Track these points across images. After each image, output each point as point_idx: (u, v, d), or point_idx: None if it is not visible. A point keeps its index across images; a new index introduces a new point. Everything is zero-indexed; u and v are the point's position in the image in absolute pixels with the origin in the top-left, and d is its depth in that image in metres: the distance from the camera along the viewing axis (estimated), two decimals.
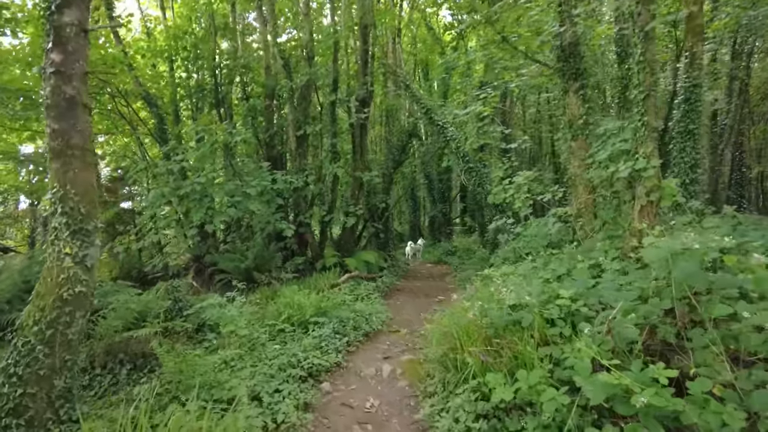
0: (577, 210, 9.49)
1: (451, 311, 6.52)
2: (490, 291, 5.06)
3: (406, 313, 9.53)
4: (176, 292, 7.13)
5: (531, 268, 6.10)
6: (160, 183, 10.03)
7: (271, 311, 7.32)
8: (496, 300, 4.75)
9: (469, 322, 4.59)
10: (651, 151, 6.89)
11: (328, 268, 12.11)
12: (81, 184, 3.87)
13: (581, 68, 9.52)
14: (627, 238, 7.15)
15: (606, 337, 3.81)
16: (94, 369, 5.58)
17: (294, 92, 12.85)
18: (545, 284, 5.38)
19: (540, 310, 4.36)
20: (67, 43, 3.83)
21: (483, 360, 4.15)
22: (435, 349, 5.36)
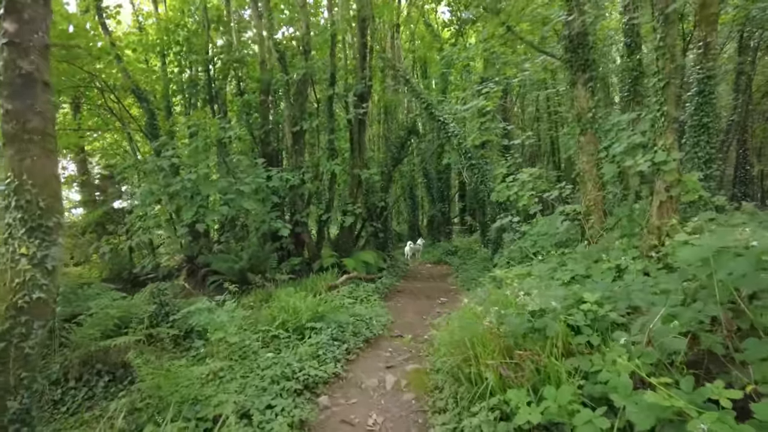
0: (586, 207, 9.00)
1: (459, 316, 5.99)
2: (506, 295, 4.53)
3: (407, 316, 9.00)
4: (162, 295, 6.57)
5: (547, 270, 5.57)
6: (150, 180, 9.46)
7: (264, 316, 6.77)
8: (514, 305, 4.22)
9: (485, 330, 4.05)
10: (671, 143, 6.39)
11: (325, 268, 11.57)
12: (40, 173, 3.32)
13: (590, 59, 9.04)
14: (645, 236, 6.65)
15: (647, 348, 3.29)
16: (68, 381, 5.02)
17: (290, 87, 12.30)
18: (565, 287, 4.86)
19: (564, 316, 3.84)
20: (22, 10, 3.28)
21: (504, 375, 3.61)
22: (444, 359, 4.83)
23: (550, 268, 5.62)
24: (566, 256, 7.23)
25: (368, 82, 12.76)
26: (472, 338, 4.24)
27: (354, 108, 12.55)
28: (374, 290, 10.45)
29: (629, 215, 6.99)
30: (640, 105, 9.51)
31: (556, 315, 3.78)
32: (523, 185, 10.16)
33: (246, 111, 13.41)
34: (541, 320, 3.88)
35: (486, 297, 4.96)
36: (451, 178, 23.01)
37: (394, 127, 16.66)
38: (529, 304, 3.83)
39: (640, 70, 9.49)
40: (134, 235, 9.39)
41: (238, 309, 7.24)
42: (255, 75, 13.60)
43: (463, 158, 12.23)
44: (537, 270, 5.58)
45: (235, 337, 5.62)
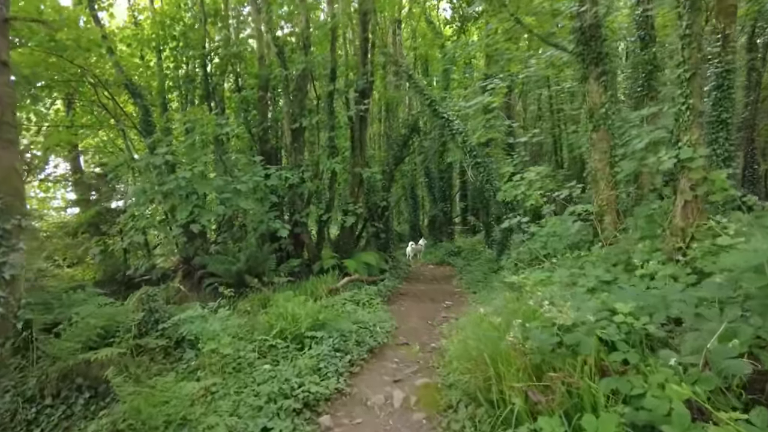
0: (599, 207, 8.54)
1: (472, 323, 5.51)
2: (528, 305, 4.05)
3: (411, 320, 8.52)
4: (152, 301, 6.08)
5: (568, 275, 5.09)
6: (143, 179, 8.97)
7: (261, 323, 6.28)
8: (539, 317, 3.74)
9: (508, 347, 3.57)
10: (697, 138, 5.93)
11: (325, 270, 11.08)
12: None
13: (603, 52, 8.57)
14: (668, 238, 6.19)
15: (704, 371, 2.81)
16: (44, 399, 4.53)
17: (289, 83, 11.80)
18: (590, 295, 4.39)
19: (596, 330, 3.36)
20: None
21: (534, 399, 3.13)
22: (458, 375, 4.35)
23: (571, 273, 5.13)
24: (582, 260, 6.76)
25: (370, 77, 12.27)
26: (492, 354, 3.76)
27: (355, 104, 12.06)
28: (376, 293, 9.97)
29: (649, 216, 6.52)
30: (655, 100, 9.04)
31: (590, 329, 3.31)
32: (530, 184, 9.70)
33: (244, 108, 12.92)
34: (571, 335, 3.40)
35: (503, 306, 4.48)
36: (453, 177, 22.51)
37: (395, 125, 16.16)
38: (559, 316, 3.34)
39: (654, 64, 9.03)
40: (126, 235, 8.88)
41: (233, 316, 6.77)
42: (253, 71, 13.11)
43: (467, 156, 11.75)
44: (558, 275, 5.10)
45: (229, 348, 5.14)
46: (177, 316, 5.87)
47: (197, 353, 5.33)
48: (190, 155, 9.22)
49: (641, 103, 9.26)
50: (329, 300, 8.67)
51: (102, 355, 4.47)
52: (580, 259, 6.87)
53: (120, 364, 4.76)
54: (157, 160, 8.81)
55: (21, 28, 7.52)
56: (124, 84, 10.87)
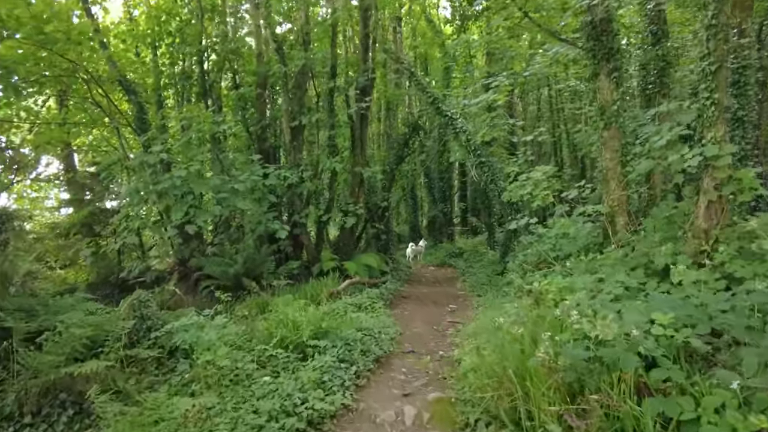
0: (610, 208, 8.19)
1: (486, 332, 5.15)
2: (553, 314, 3.68)
3: (416, 325, 8.14)
4: (144, 307, 5.67)
5: (592, 280, 4.71)
6: (136, 177, 8.57)
7: (260, 330, 5.89)
8: (569, 330, 3.36)
9: (536, 362, 3.19)
10: (722, 135, 5.57)
11: (325, 273, 10.69)
12: None
13: (614, 47, 8.23)
14: (689, 240, 5.83)
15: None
16: (23, 416, 4.12)
17: (288, 80, 11.40)
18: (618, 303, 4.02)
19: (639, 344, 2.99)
20: None
21: (572, 424, 2.76)
22: (475, 390, 3.97)
23: (595, 278, 4.75)
24: (598, 263, 6.40)
25: (371, 74, 11.89)
26: (518, 370, 3.38)
27: (356, 102, 11.68)
28: (378, 296, 9.58)
29: (668, 216, 6.17)
30: (667, 98, 8.71)
31: (632, 344, 2.93)
32: (537, 184, 9.35)
33: (242, 106, 12.51)
34: (609, 350, 3.03)
35: (525, 316, 4.10)
36: (453, 177, 22.16)
37: (396, 124, 15.80)
38: (598, 329, 2.96)
39: (667, 60, 8.69)
40: (119, 236, 8.47)
41: (230, 322, 6.37)
42: (251, 68, 12.70)
43: (471, 155, 11.39)
44: (581, 281, 4.72)
45: (226, 359, 4.74)
46: (171, 324, 5.46)
47: (192, 365, 4.93)
48: (186, 153, 8.81)
49: (653, 100, 8.91)
50: (330, 304, 8.29)
51: (87, 368, 4.07)
52: (595, 262, 6.51)
53: (107, 377, 4.36)
54: (151, 158, 8.41)
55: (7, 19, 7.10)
56: (118, 80, 10.45)
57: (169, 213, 9.24)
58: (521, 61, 15.01)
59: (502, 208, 11.61)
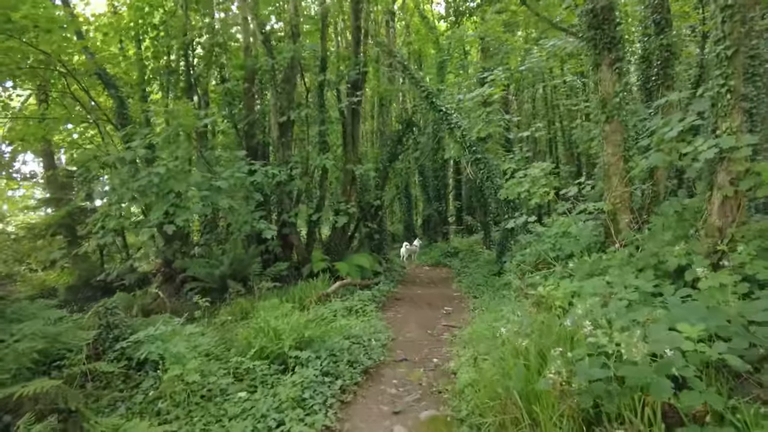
0: (612, 205, 7.74)
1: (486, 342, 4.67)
2: (564, 325, 3.19)
3: (410, 329, 7.65)
4: (110, 315, 5.13)
5: (602, 285, 4.22)
6: (112, 175, 8.01)
7: (239, 339, 5.36)
8: (581, 343, 2.87)
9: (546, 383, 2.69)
10: (738, 125, 5.12)
11: (315, 274, 10.18)
12: None
13: (616, 37, 7.78)
14: (702, 239, 5.37)
15: None
16: None
17: (276, 73, 10.85)
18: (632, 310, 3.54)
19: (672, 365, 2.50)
20: None
21: None
22: (473, 409, 3.48)
23: (604, 282, 4.27)
24: (603, 264, 5.92)
25: (363, 68, 11.37)
26: (523, 390, 2.89)
27: (347, 97, 11.16)
28: (370, 299, 9.09)
29: (679, 214, 5.70)
30: (671, 90, 8.25)
31: (664, 365, 2.44)
32: (534, 181, 8.88)
33: (228, 101, 11.95)
34: (634, 370, 2.54)
35: (529, 325, 3.61)
36: (447, 176, 21.67)
37: (389, 121, 15.29)
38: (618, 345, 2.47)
39: (670, 51, 8.24)
40: (95, 237, 7.92)
41: (208, 329, 5.86)
42: (239, 62, 12.13)
43: (467, 152, 10.90)
44: (590, 285, 4.23)
45: (196, 374, 4.22)
46: (141, 332, 4.93)
47: (159, 379, 4.40)
48: (165, 149, 8.27)
49: (654, 94, 8.46)
50: (318, 308, 7.78)
51: (31, 388, 3.53)
52: (600, 263, 6.04)
53: (58, 397, 3.82)
54: (128, 154, 7.85)
55: None
56: (96, 73, 9.86)
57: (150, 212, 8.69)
58: (517, 56, 14.56)
59: (498, 207, 11.13)
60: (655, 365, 2.45)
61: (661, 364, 2.43)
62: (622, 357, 2.69)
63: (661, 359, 2.49)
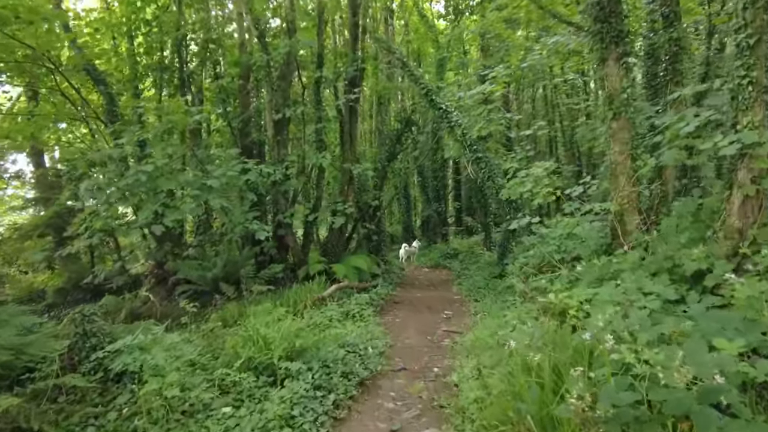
0: (619, 206, 7.39)
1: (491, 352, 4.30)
2: (582, 339, 2.81)
3: (409, 335, 7.28)
4: (87, 322, 4.75)
5: (620, 292, 3.85)
6: (98, 173, 7.63)
7: (227, 348, 4.99)
8: (603, 359, 2.51)
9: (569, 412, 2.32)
10: (761, 119, 4.76)
11: (312, 276, 9.80)
12: None
13: (624, 30, 7.44)
14: (721, 241, 5.02)
15: None
16: None
17: (271, 70, 10.48)
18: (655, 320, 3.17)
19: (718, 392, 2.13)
20: None
21: None
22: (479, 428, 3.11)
23: (624, 289, 3.90)
24: (613, 267, 5.57)
25: (360, 64, 11.00)
26: (538, 415, 2.52)
27: (345, 94, 10.80)
28: (368, 302, 8.71)
29: (694, 214, 5.34)
30: (680, 86, 7.90)
31: (710, 391, 2.07)
32: (537, 181, 8.53)
33: (223, 98, 11.57)
34: (667, 393, 2.17)
35: (540, 336, 3.24)
36: (447, 176, 21.30)
37: (388, 120, 14.93)
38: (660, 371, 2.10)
39: (680, 45, 7.89)
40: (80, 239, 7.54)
41: (194, 337, 5.49)
42: (234, 59, 11.76)
43: (467, 151, 10.53)
44: (606, 292, 3.86)
45: (176, 388, 3.85)
46: (121, 341, 4.54)
47: (133, 395, 4.02)
48: (155, 147, 7.90)
49: (660, 92, 8.11)
50: (313, 313, 7.41)
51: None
52: (610, 266, 5.68)
53: (20, 415, 3.45)
54: (115, 152, 7.48)
55: None
56: (85, 69, 9.48)
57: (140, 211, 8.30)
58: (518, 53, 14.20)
59: (499, 207, 10.77)
60: (698, 392, 2.09)
61: (707, 391, 2.06)
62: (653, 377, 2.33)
63: (703, 383, 2.12)
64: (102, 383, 4.48)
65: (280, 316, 6.92)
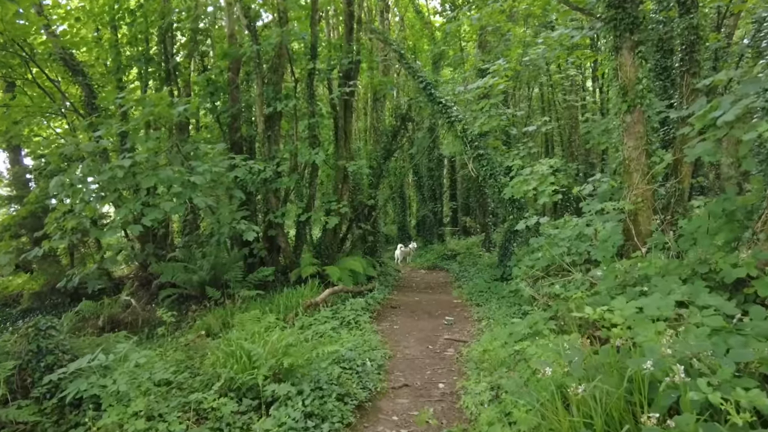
0: (634, 204, 6.87)
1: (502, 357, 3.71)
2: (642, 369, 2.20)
3: (409, 345, 6.66)
4: (42, 338, 4.08)
5: (667, 305, 3.25)
6: (71, 169, 6.93)
7: (206, 365, 4.34)
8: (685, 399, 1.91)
9: None
10: None
11: (304, 280, 9.16)
12: None
13: (639, 17, 6.92)
14: (762, 244, 4.47)
15: None
16: None
17: (261, 61, 9.82)
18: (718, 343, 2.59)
19: None
20: None
21: None
22: None
23: (672, 301, 3.29)
24: (637, 272, 4.99)
25: (356, 56, 10.37)
26: None
27: (339, 87, 10.17)
28: (364, 308, 8.10)
29: (729, 213, 4.78)
30: (697, 77, 7.38)
31: None
32: (542, 179, 7.98)
33: (211, 91, 10.88)
34: None
35: (582, 361, 2.64)
36: (443, 175, 20.72)
37: (383, 117, 14.31)
38: None
39: (697, 34, 7.37)
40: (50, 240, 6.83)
41: (170, 351, 4.83)
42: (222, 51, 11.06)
43: (468, 147, 9.94)
44: (654, 305, 3.25)
45: (141, 419, 3.20)
46: (85, 358, 3.88)
47: (93, 421, 3.37)
48: (133, 140, 7.23)
49: (681, 80, 7.57)
50: (306, 320, 6.78)
51: None
52: (633, 271, 5.10)
53: None
54: (89, 146, 6.79)
55: None
56: (61, 58, 8.77)
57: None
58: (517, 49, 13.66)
59: (502, 206, 10.19)
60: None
61: None
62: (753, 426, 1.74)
63: None
64: (59, 410, 3.82)
65: (270, 324, 6.29)
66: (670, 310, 3.06)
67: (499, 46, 13.56)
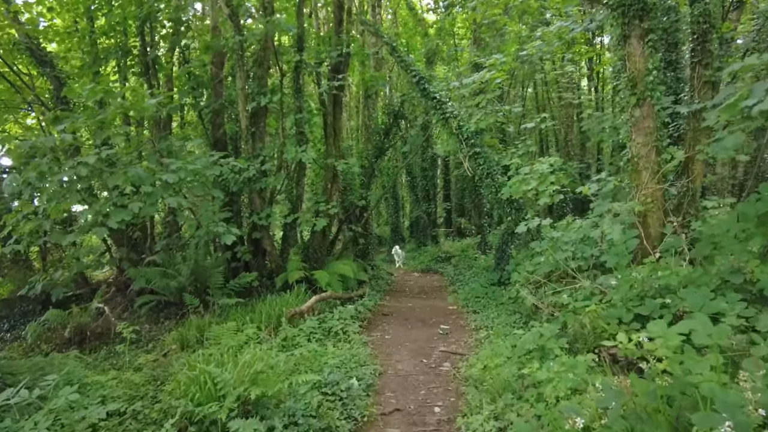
0: (643, 205, 6.32)
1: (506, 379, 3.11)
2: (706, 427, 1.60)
3: (401, 359, 6.04)
4: None
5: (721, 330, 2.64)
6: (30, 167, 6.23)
7: (165, 395, 3.69)
8: None
9: None
10: None
11: (290, 285, 8.52)
12: None
13: (649, 3, 6.39)
14: None
15: None
16: None
17: (245, 53, 9.16)
18: None
19: None
20: None
21: None
22: None
23: (728, 327, 2.69)
24: (658, 281, 4.41)
25: (345, 49, 9.73)
26: None
27: (328, 81, 9.54)
28: (353, 316, 7.46)
29: (763, 215, 4.21)
30: (710, 69, 6.85)
31: None
32: (542, 179, 7.39)
33: (193, 86, 10.20)
34: None
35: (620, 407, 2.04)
36: (436, 175, 20.11)
37: (375, 115, 13.69)
38: None
39: (710, 22, 6.83)
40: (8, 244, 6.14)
41: (128, 373, 4.18)
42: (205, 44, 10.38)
43: (463, 145, 9.36)
44: (703, 330, 2.64)
45: None
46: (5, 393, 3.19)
47: None
48: (100, 137, 6.55)
49: (692, 72, 7.01)
50: (289, 331, 6.14)
51: None
52: (652, 280, 4.52)
53: None
54: (48, 141, 6.10)
55: None
56: (27, 47, 8.06)
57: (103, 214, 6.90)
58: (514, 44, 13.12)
59: (499, 207, 9.61)
60: None
61: None
62: None
63: None
64: None
65: (249, 337, 5.66)
66: (724, 337, 2.47)
67: (495, 41, 13.04)
